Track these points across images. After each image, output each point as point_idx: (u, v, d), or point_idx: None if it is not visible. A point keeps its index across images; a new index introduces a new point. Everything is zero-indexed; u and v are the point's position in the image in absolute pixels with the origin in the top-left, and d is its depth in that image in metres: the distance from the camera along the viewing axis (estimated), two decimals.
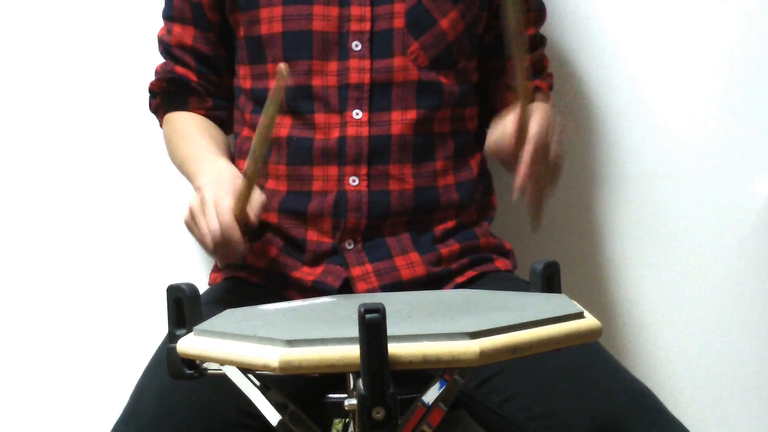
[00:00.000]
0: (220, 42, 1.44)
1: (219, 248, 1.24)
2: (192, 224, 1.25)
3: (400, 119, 1.36)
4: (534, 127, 1.27)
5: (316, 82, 1.36)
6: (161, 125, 1.51)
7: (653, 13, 1.70)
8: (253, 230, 1.28)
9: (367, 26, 1.35)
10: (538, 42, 1.52)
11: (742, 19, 1.70)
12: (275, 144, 1.38)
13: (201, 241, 1.25)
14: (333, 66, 1.35)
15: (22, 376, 1.72)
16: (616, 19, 1.70)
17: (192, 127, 1.45)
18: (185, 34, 1.44)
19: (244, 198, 1.22)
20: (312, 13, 1.35)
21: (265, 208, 1.27)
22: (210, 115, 1.47)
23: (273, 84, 1.17)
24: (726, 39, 1.71)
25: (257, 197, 1.25)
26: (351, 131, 1.35)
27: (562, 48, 1.67)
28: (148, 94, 1.50)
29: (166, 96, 1.48)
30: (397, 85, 1.36)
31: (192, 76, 1.45)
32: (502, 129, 1.31)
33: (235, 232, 1.21)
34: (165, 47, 1.47)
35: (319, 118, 1.36)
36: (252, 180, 1.21)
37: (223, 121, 1.48)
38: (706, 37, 1.70)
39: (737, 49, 1.71)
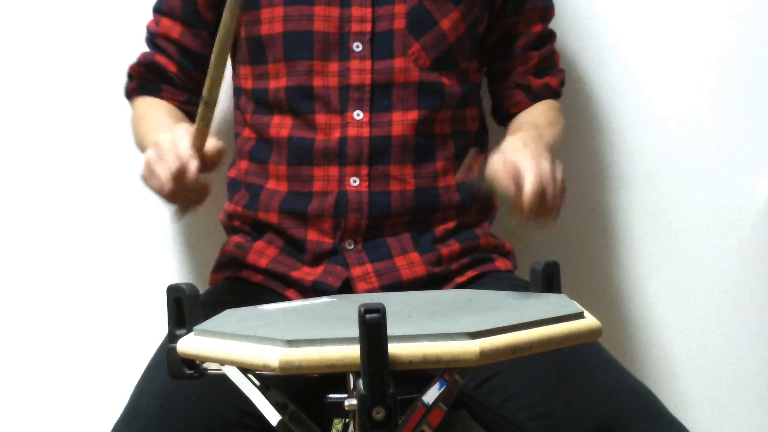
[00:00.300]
0: (212, 41, 1.44)
1: (178, 189, 1.15)
2: (148, 175, 1.18)
3: (401, 120, 1.36)
4: (528, 184, 1.16)
5: (317, 82, 1.36)
6: (132, 108, 1.49)
7: (654, 13, 1.70)
8: (208, 170, 1.19)
9: (368, 27, 1.35)
10: (546, 38, 1.51)
11: (743, 19, 1.70)
12: (276, 144, 1.38)
13: (159, 188, 1.17)
14: (334, 67, 1.35)
15: (23, 376, 1.72)
16: (617, 19, 1.70)
17: (159, 111, 1.43)
18: (173, 28, 1.44)
19: (203, 129, 1.14)
20: (313, 14, 1.35)
21: (219, 149, 1.17)
22: (182, 108, 1.46)
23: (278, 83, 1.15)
24: (726, 39, 1.71)
25: (212, 143, 1.16)
26: (352, 132, 1.35)
27: (562, 48, 1.67)
28: (126, 79, 1.49)
29: (142, 80, 1.47)
30: (397, 86, 1.36)
31: (171, 67, 1.45)
32: (495, 169, 1.20)
33: (193, 163, 1.13)
34: (150, 37, 1.47)
35: (320, 118, 1.36)
36: (211, 106, 1.13)
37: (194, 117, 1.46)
38: (706, 38, 1.71)
39: (737, 49, 1.71)
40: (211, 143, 1.16)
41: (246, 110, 1.43)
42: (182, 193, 1.17)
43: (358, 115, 1.35)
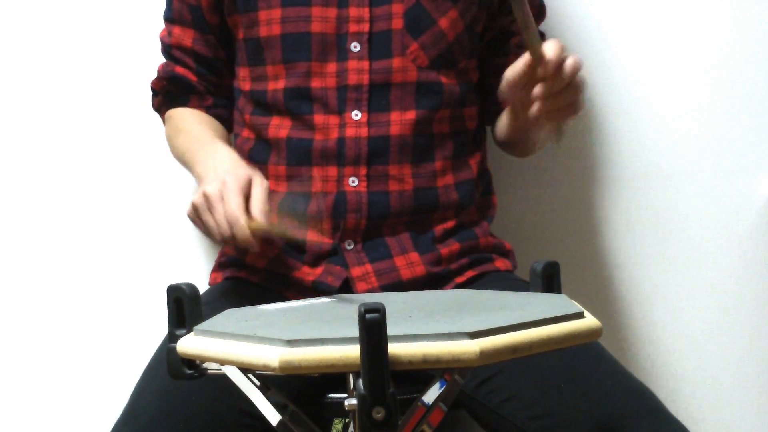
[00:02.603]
0: (220, 44, 1.45)
1: (226, 236, 1.22)
2: (196, 219, 1.25)
3: (399, 120, 1.36)
4: (550, 49, 1.18)
5: (315, 83, 1.36)
6: (164, 123, 1.52)
7: (653, 12, 1.70)
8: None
9: (365, 27, 1.35)
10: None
11: (742, 18, 1.70)
12: (275, 145, 1.38)
13: (209, 235, 1.25)
14: (332, 67, 1.35)
15: (23, 376, 1.72)
16: (616, 19, 1.70)
17: (192, 121, 1.46)
18: (185, 36, 1.44)
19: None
20: (310, 15, 1.35)
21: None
22: (211, 112, 1.48)
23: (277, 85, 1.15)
24: (726, 39, 1.70)
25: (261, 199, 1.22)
26: (350, 132, 1.35)
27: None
28: (151, 93, 1.51)
29: (168, 95, 1.49)
30: (395, 86, 1.36)
31: (192, 77, 1.46)
32: (515, 65, 1.22)
33: (241, 221, 1.19)
34: (166, 48, 1.48)
35: (318, 119, 1.36)
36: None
37: (224, 118, 1.49)
38: (705, 37, 1.70)
39: (737, 49, 1.71)
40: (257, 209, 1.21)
41: (244, 111, 1.43)
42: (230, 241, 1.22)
43: (357, 115, 1.35)
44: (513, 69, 1.22)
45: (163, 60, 1.49)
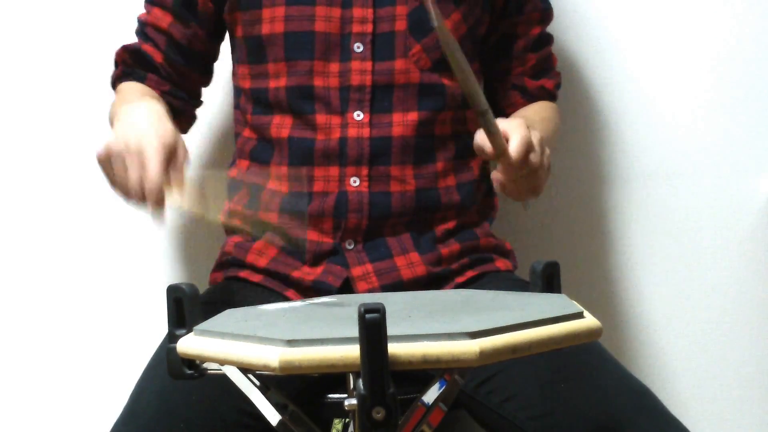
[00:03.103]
0: (207, 37, 1.43)
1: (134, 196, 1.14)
2: (107, 165, 1.17)
3: (402, 121, 1.36)
4: (513, 148, 1.16)
5: (318, 82, 1.36)
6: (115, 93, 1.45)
7: (654, 13, 1.70)
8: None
9: (369, 28, 1.35)
10: (544, 41, 1.51)
11: (742, 19, 1.70)
12: (277, 144, 1.38)
13: (114, 184, 1.17)
14: (335, 67, 1.35)
15: (23, 376, 1.72)
16: (617, 19, 1.70)
17: (137, 92, 1.40)
18: (163, 18, 1.42)
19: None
20: (314, 14, 1.35)
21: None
22: (165, 98, 1.42)
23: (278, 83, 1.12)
24: (726, 39, 1.71)
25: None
26: (352, 132, 1.35)
27: (562, 48, 1.67)
28: (113, 67, 1.47)
29: (126, 67, 1.44)
30: (398, 87, 1.36)
31: (157, 57, 1.43)
32: (483, 141, 1.19)
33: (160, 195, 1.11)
34: (140, 27, 1.45)
35: (320, 118, 1.36)
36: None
37: (177, 111, 1.43)
38: (706, 37, 1.71)
39: (737, 49, 1.71)
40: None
41: (246, 110, 1.43)
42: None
43: (359, 115, 1.35)
44: (479, 144, 1.18)
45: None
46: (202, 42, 1.44)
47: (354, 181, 1.35)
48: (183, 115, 1.46)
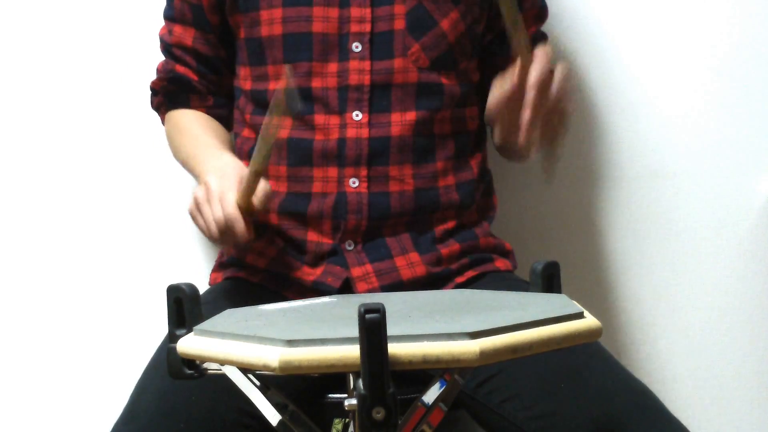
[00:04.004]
0: (221, 43, 1.45)
1: (223, 237, 1.24)
2: (196, 213, 1.26)
3: (400, 120, 1.36)
4: (534, 73, 1.21)
5: (316, 83, 1.36)
6: (163, 123, 1.52)
7: (653, 12, 1.70)
8: (258, 221, 1.28)
9: (367, 27, 1.35)
10: (538, 39, 1.51)
11: (742, 19, 1.70)
12: (275, 145, 1.38)
13: (205, 231, 1.26)
14: (333, 67, 1.35)
15: (23, 376, 1.72)
16: (617, 19, 1.70)
17: (194, 124, 1.46)
18: (185, 35, 1.44)
19: (248, 190, 1.22)
20: (312, 15, 1.35)
21: (269, 197, 1.25)
22: (211, 112, 1.49)
23: (278, 85, 1.16)
24: (726, 39, 1.70)
25: (262, 187, 1.23)
26: (351, 133, 1.35)
27: (562, 47, 1.67)
28: (150, 93, 1.51)
29: (168, 94, 1.49)
30: (396, 87, 1.36)
31: (192, 75, 1.46)
32: (502, 85, 1.25)
33: (239, 223, 1.21)
34: (166, 47, 1.47)
35: (319, 119, 1.36)
36: (257, 175, 1.21)
37: (224, 118, 1.50)
38: (706, 38, 1.70)
39: (737, 49, 1.71)
40: (261, 189, 1.22)
41: (245, 110, 1.43)
42: (226, 240, 1.24)
43: (357, 115, 1.35)
44: (497, 93, 1.23)
45: (162, 58, 1.49)
46: (222, 48, 1.46)
47: (353, 182, 1.35)
48: (229, 118, 1.50)
